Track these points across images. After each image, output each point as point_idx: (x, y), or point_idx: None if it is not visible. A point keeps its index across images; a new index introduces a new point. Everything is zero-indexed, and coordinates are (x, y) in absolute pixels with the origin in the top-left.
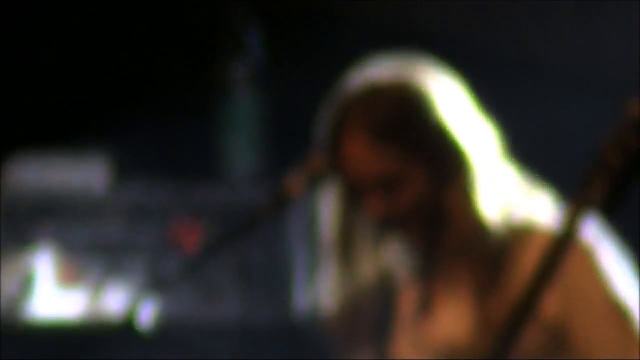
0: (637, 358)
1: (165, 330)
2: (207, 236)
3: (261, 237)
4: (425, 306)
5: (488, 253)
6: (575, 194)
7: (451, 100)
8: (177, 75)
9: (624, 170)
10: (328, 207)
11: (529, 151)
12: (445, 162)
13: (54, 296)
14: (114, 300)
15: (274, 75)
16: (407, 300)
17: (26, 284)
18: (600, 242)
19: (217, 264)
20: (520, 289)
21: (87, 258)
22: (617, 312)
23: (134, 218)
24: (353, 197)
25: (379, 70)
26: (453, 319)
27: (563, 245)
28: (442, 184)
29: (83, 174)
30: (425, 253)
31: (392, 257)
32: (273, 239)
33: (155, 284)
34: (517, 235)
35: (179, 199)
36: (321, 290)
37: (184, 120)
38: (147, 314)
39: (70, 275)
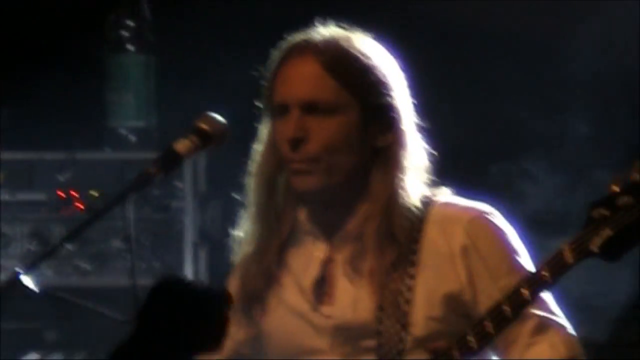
0: None
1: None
2: (96, 199)
3: (151, 198)
4: (325, 282)
5: (397, 229)
6: (579, 234)
7: (393, 72)
8: (66, 35)
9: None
10: (255, 165)
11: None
12: (379, 119)
13: None
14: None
15: (164, 34)
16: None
17: None
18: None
19: (106, 227)
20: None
21: None
22: None
23: (19, 182)
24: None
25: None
26: (354, 297)
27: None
28: (370, 141)
29: None
30: (336, 216)
31: (297, 220)
32: (163, 201)
33: (42, 248)
34: (422, 212)
35: (66, 161)
36: (236, 246)
37: (71, 80)
38: (34, 280)
39: None
